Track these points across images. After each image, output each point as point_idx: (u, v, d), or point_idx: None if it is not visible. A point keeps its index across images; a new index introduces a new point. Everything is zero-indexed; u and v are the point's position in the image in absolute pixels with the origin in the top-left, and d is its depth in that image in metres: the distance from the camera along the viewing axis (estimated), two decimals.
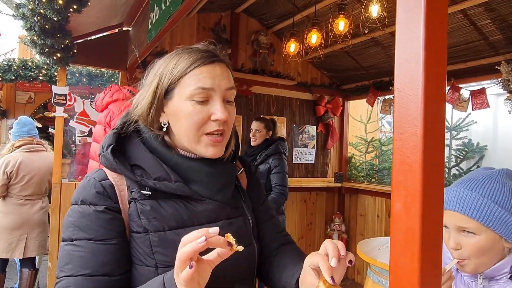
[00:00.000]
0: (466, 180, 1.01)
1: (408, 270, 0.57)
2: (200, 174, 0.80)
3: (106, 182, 0.76)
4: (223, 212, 0.81)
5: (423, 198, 0.56)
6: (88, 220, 0.73)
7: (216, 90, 0.77)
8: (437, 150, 0.58)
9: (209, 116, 0.77)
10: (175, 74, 0.77)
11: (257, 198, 0.97)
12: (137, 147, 0.80)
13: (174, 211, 0.77)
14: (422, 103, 0.55)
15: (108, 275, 0.71)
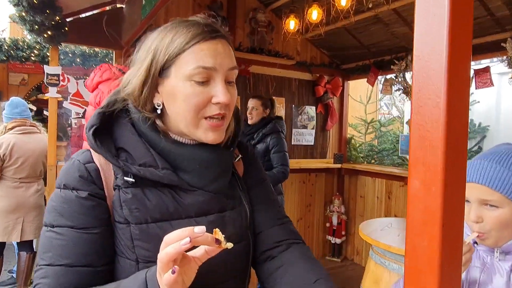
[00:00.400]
0: (489, 153, 0.98)
1: (427, 253, 0.52)
2: (193, 162, 0.72)
3: (91, 166, 0.70)
4: (216, 204, 0.75)
5: (445, 175, 0.50)
6: (70, 206, 0.67)
7: (218, 70, 0.70)
8: (461, 124, 0.52)
9: (209, 98, 0.70)
10: (172, 50, 0.69)
11: (254, 179, 0.88)
12: (125, 129, 0.73)
13: (160, 201, 0.70)
14: (446, 72, 0.49)
15: (89, 266, 0.66)
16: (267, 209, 0.87)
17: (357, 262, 4.18)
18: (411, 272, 0.56)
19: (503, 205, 0.92)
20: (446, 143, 0.51)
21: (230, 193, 0.79)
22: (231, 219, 0.76)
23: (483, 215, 0.94)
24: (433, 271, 0.52)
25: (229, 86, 0.73)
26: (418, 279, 0.55)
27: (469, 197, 0.97)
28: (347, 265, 4.13)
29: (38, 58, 4.36)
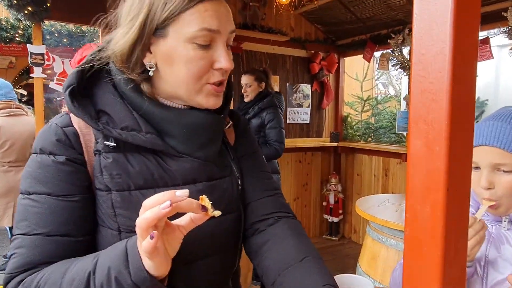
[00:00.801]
0: (499, 114, 0.91)
1: (430, 222, 0.46)
2: (179, 127, 0.67)
3: (69, 129, 0.65)
4: (205, 172, 0.70)
5: (450, 134, 0.44)
6: (46, 172, 0.63)
7: (222, 33, 0.65)
8: (469, 73, 0.45)
9: (212, 63, 0.66)
10: (172, 7, 0.62)
11: (243, 152, 0.83)
12: (106, 90, 0.67)
13: (143, 167, 0.65)
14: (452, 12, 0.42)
15: (68, 235, 0.62)
16: (257, 180, 0.82)
17: (354, 241, 4.18)
18: (412, 243, 0.50)
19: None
20: (452, 96, 0.44)
21: (220, 161, 0.74)
22: (221, 188, 0.72)
23: (495, 181, 0.87)
24: (436, 241, 0.46)
25: (228, 50, 0.68)
26: (420, 250, 0.49)
27: (480, 162, 0.89)
28: (344, 243, 4.13)
29: (23, 38, 4.21)
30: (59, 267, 0.59)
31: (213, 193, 0.69)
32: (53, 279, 0.57)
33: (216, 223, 0.68)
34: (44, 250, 0.60)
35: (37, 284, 0.58)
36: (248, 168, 0.82)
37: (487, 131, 0.88)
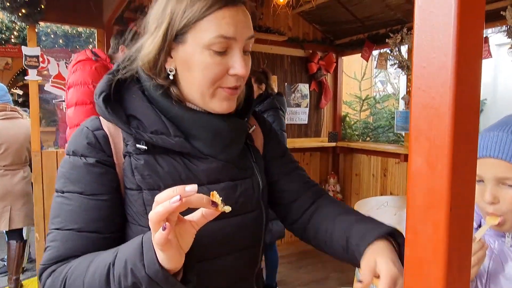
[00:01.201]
0: (503, 124, 0.86)
1: (431, 242, 0.44)
2: (204, 130, 0.71)
3: (99, 133, 0.70)
4: (227, 172, 0.74)
5: (454, 151, 0.42)
6: (78, 173, 0.68)
7: (238, 40, 0.67)
8: (473, 88, 0.43)
9: (227, 69, 0.68)
10: (191, 15, 0.65)
11: (274, 152, 0.89)
12: (135, 96, 0.71)
13: (172, 168, 0.70)
14: (456, 23, 0.40)
15: (97, 232, 0.67)
16: (291, 181, 0.87)
17: None
18: (413, 263, 0.48)
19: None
20: (455, 112, 0.42)
21: (241, 163, 0.78)
22: (243, 188, 0.76)
23: (500, 195, 0.83)
24: (438, 262, 0.44)
25: (245, 56, 0.70)
26: (421, 271, 0.47)
27: (484, 175, 0.85)
28: None
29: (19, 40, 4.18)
30: (85, 259, 0.63)
31: (234, 192, 0.74)
32: (79, 270, 0.62)
33: (237, 221, 0.73)
34: (74, 245, 0.66)
35: (65, 274, 0.63)
36: (281, 170, 0.87)
37: (491, 142, 0.83)
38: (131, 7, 3.09)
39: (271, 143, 0.89)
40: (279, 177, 0.86)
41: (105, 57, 2.23)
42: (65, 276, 0.62)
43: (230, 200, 0.72)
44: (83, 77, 2.08)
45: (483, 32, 0.43)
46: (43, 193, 2.91)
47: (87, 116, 2.03)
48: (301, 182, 0.88)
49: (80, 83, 2.08)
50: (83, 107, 2.06)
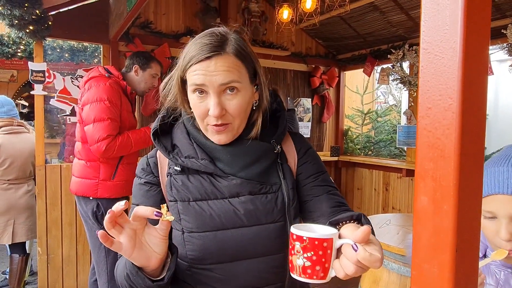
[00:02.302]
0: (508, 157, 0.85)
1: (438, 283, 0.45)
2: (224, 153, 0.86)
3: (152, 159, 0.93)
4: (247, 187, 0.86)
5: (459, 192, 0.42)
6: (135, 189, 0.92)
7: (209, 86, 0.79)
8: (478, 130, 0.44)
9: (208, 110, 0.81)
10: (183, 67, 0.82)
11: (307, 175, 0.95)
12: (177, 128, 0.92)
13: (199, 184, 0.86)
14: (461, 68, 0.41)
15: None
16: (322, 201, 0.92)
17: None
18: None
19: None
20: (461, 153, 0.42)
21: (264, 179, 0.88)
22: (262, 201, 0.86)
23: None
24: None
25: (228, 97, 0.80)
26: None
27: (497, 212, 0.83)
28: None
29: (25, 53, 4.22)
30: None
31: (254, 204, 0.86)
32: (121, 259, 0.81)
33: (258, 230, 0.85)
34: None
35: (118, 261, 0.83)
36: (313, 191, 0.93)
37: (502, 178, 0.82)
38: (136, 23, 3.14)
39: (305, 164, 0.96)
40: (310, 198, 0.93)
41: (117, 74, 2.26)
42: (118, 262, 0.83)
43: (249, 211, 0.85)
44: (99, 93, 2.10)
45: (487, 78, 0.44)
46: (46, 207, 2.92)
47: (106, 131, 2.05)
48: (329, 206, 0.91)
49: (96, 100, 2.09)
50: (101, 123, 2.08)
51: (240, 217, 0.84)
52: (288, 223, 0.87)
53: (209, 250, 0.84)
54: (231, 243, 0.83)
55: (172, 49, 3.30)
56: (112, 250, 2.30)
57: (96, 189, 2.20)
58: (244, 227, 0.84)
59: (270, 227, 0.86)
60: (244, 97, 0.83)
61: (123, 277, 0.76)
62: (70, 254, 3.04)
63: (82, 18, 2.94)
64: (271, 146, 0.90)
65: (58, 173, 2.95)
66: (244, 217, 0.85)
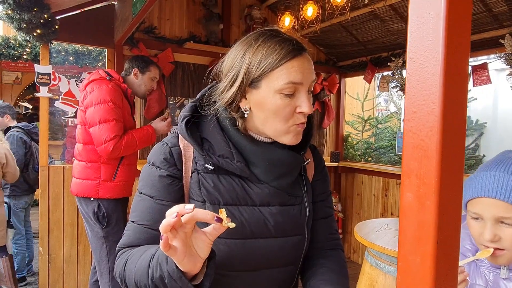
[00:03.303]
0: (499, 162, 0.89)
1: (420, 272, 0.49)
2: (263, 159, 0.82)
3: (175, 149, 0.85)
4: (278, 197, 0.84)
5: (441, 189, 0.46)
6: (153, 180, 0.83)
7: (304, 84, 0.78)
8: (458, 133, 0.48)
9: (295, 108, 0.78)
10: (266, 65, 0.76)
11: (319, 192, 0.96)
12: (210, 123, 0.84)
13: (231, 188, 0.82)
14: (442, 76, 0.45)
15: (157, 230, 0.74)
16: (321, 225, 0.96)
17: (354, 260, 4.16)
18: None
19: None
20: (442, 153, 0.47)
21: (292, 191, 0.87)
22: (289, 213, 0.85)
23: (500, 233, 0.86)
24: None
25: (309, 95, 0.80)
26: None
27: (482, 214, 0.88)
28: None
29: (30, 56, 4.28)
30: (142, 249, 0.77)
31: (282, 216, 0.84)
32: (135, 257, 0.76)
33: (283, 242, 0.84)
34: (141, 237, 0.81)
35: (127, 257, 0.78)
36: (323, 211, 0.95)
37: (489, 182, 0.86)
38: (141, 28, 3.20)
39: (319, 181, 0.96)
40: (315, 219, 0.94)
41: (118, 77, 2.32)
42: (127, 259, 0.78)
43: (279, 223, 0.83)
44: (102, 95, 2.15)
45: (467, 85, 0.48)
46: (49, 208, 2.96)
47: (113, 132, 2.10)
48: (326, 233, 0.96)
49: (100, 102, 2.14)
50: (107, 124, 2.12)
51: (269, 228, 0.83)
52: (307, 236, 0.88)
53: (235, 258, 0.81)
54: (258, 253, 0.81)
55: (176, 54, 3.35)
56: (113, 250, 2.33)
57: (97, 189, 2.24)
58: (272, 238, 0.83)
59: (294, 239, 0.86)
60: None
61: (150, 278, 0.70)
62: (71, 254, 3.07)
63: (88, 22, 3.00)
64: (302, 158, 0.89)
65: (61, 174, 2.99)
66: (273, 228, 0.83)
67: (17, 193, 3.46)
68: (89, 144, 2.22)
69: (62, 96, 2.98)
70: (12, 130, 3.48)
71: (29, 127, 3.59)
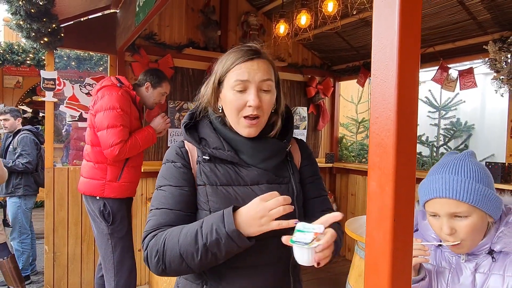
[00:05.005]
0: (443, 166, 1.03)
1: (381, 244, 0.61)
2: (246, 147, 1.01)
3: (183, 149, 1.05)
4: (265, 177, 1.02)
5: (396, 178, 0.59)
6: (171, 173, 1.02)
7: (251, 82, 0.97)
8: (410, 134, 0.61)
9: (245, 102, 0.97)
10: (224, 69, 1.00)
11: (307, 175, 1.12)
12: (205, 125, 1.07)
13: (225, 172, 1.01)
14: (396, 89, 0.58)
15: (181, 210, 0.98)
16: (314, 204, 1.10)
17: (348, 259, 4.27)
18: (370, 261, 0.65)
19: (471, 213, 0.97)
20: (397, 150, 0.60)
21: (279, 172, 1.04)
22: (277, 190, 0.97)
23: (455, 227, 0.99)
24: (386, 259, 0.61)
25: (263, 93, 0.99)
26: (375, 266, 0.64)
27: (439, 212, 1.01)
28: (338, 261, 4.23)
29: (33, 61, 4.39)
30: (178, 227, 0.92)
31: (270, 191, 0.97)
32: (175, 233, 0.91)
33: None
34: (167, 218, 0.97)
35: (164, 236, 0.92)
36: (312, 191, 1.11)
37: (438, 184, 1.00)
38: (142, 34, 3.33)
39: (306, 166, 1.13)
40: (306, 199, 1.08)
41: (128, 84, 2.44)
42: (165, 237, 0.92)
43: None
44: (112, 102, 2.27)
45: (417, 96, 0.61)
46: (54, 208, 3.07)
47: (119, 137, 2.24)
48: (319, 210, 1.08)
49: (109, 108, 2.27)
50: (114, 129, 2.25)
51: None
52: (297, 210, 1.01)
53: None
54: None
55: (175, 59, 3.48)
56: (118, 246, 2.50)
57: (102, 189, 2.36)
58: None
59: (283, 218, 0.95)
60: (273, 97, 1.01)
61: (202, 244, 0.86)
62: (75, 252, 3.18)
63: (91, 30, 3.12)
64: (284, 145, 1.06)
65: (65, 175, 3.11)
66: None
67: (29, 193, 3.57)
68: (97, 146, 2.34)
69: (67, 100, 3.09)
70: (23, 132, 3.59)
71: (36, 130, 3.71)
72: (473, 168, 1.00)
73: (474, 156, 1.06)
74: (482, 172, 1.00)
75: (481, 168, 1.01)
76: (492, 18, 2.82)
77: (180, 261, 0.89)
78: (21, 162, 3.44)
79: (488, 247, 1.01)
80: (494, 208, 0.99)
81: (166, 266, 0.91)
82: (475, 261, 1.03)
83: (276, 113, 1.06)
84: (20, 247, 3.56)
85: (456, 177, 0.98)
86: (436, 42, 3.35)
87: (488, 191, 0.98)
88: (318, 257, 0.84)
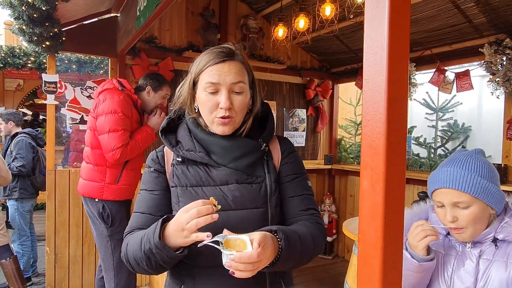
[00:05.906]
0: (453, 160, 1.12)
1: (373, 241, 0.64)
2: (217, 147, 1.02)
3: (160, 153, 1.09)
4: (234, 177, 1.02)
5: (386, 177, 0.63)
6: (145, 177, 1.08)
7: (222, 84, 0.97)
8: (399, 135, 0.64)
9: (217, 104, 0.98)
10: (198, 71, 1.01)
11: (285, 174, 1.09)
12: (181, 127, 1.09)
13: (196, 173, 1.02)
14: (386, 93, 0.62)
15: (150, 214, 1.02)
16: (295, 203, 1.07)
17: (347, 259, 4.30)
18: (363, 256, 0.68)
19: (472, 204, 1.06)
20: (387, 151, 0.63)
21: (250, 171, 1.04)
22: (247, 189, 1.01)
23: (457, 215, 1.08)
24: (377, 255, 0.64)
25: (235, 95, 0.99)
26: (368, 262, 0.67)
27: (443, 201, 1.10)
28: (338, 262, 4.26)
29: (34, 65, 4.43)
30: (138, 233, 0.96)
31: (240, 191, 1.01)
32: (134, 237, 0.96)
33: (242, 214, 0.99)
34: (138, 221, 1.02)
35: (127, 240, 0.98)
36: (288, 192, 1.08)
37: (444, 176, 1.09)
38: (142, 38, 3.37)
39: (285, 165, 1.10)
40: (284, 197, 1.07)
41: (129, 88, 2.47)
42: (128, 241, 0.98)
43: (236, 197, 0.99)
44: (113, 106, 2.30)
45: (407, 100, 0.64)
46: (55, 209, 3.10)
47: (121, 141, 2.27)
48: (296, 209, 1.06)
49: (110, 112, 2.30)
50: (115, 133, 2.28)
51: (229, 202, 0.98)
52: (270, 210, 1.01)
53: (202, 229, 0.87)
54: (221, 224, 0.88)
55: (175, 62, 3.52)
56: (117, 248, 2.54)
57: (101, 191, 2.39)
58: (232, 210, 0.98)
59: (254, 211, 1.00)
60: (246, 98, 1.01)
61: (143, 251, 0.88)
62: (76, 254, 3.21)
63: (92, 33, 3.16)
64: (258, 144, 1.05)
65: (66, 177, 3.14)
66: (232, 202, 0.98)
67: (25, 196, 3.60)
68: (97, 149, 2.37)
69: (68, 103, 3.13)
70: (20, 136, 3.62)
71: (35, 133, 3.74)
72: (479, 164, 1.09)
73: (482, 154, 1.14)
74: (486, 168, 1.09)
75: (486, 165, 1.10)
76: (488, 21, 2.86)
77: (137, 264, 0.94)
78: (16, 166, 3.46)
79: (492, 236, 1.09)
80: (495, 201, 1.07)
81: (133, 266, 0.97)
82: (479, 248, 1.11)
83: (250, 113, 1.05)
84: (20, 249, 3.59)
85: (461, 171, 1.07)
86: (433, 45, 3.39)
87: (489, 185, 1.06)
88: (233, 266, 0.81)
